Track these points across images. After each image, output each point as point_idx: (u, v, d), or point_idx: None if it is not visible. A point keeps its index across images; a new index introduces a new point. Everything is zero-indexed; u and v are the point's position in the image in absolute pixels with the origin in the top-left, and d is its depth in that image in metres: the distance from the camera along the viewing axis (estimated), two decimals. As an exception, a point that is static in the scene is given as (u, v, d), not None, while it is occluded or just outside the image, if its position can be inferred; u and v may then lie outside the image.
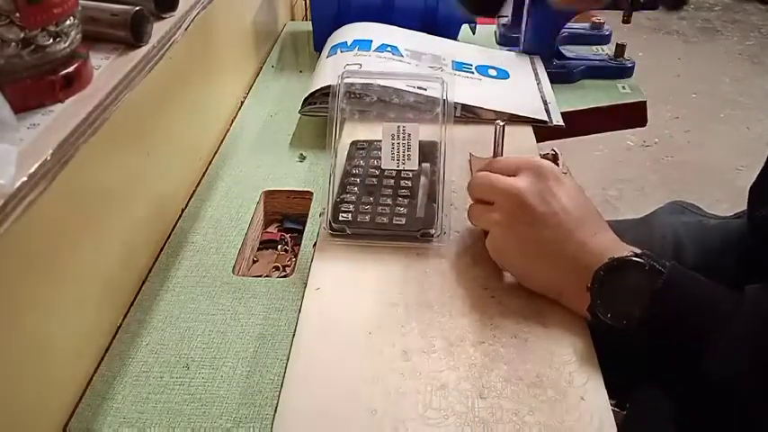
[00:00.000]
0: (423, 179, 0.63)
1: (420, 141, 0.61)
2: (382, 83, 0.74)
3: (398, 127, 0.61)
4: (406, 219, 0.60)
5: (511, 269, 0.54)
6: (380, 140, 0.61)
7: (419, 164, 0.62)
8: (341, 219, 0.60)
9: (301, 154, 0.79)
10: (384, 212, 0.61)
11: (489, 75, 0.86)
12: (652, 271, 0.45)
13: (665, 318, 0.43)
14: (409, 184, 0.63)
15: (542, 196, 0.51)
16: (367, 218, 0.60)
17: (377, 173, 0.65)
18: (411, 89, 0.74)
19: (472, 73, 0.86)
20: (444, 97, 0.63)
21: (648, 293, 0.44)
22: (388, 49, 0.84)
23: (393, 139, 0.61)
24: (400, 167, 0.62)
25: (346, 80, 0.64)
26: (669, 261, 0.46)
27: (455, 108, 0.76)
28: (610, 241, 0.49)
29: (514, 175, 0.53)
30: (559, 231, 0.50)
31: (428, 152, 0.63)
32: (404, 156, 0.62)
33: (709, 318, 0.43)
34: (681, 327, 0.43)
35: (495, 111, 0.78)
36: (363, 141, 0.70)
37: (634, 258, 0.46)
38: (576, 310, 0.50)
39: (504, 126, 0.60)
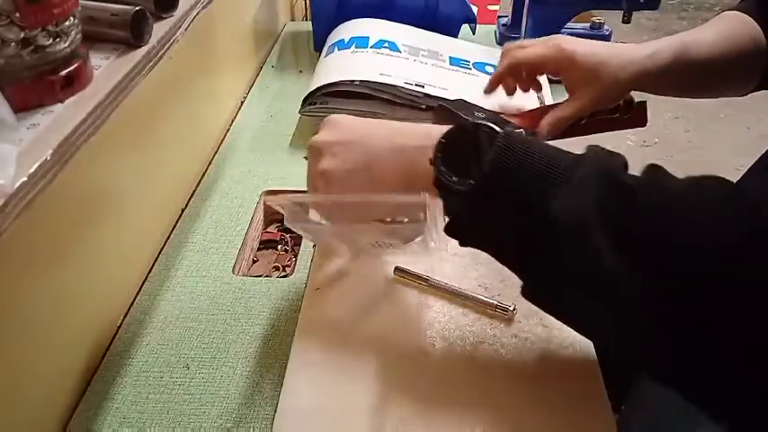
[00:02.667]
0: None
1: None
2: (384, 80, 0.74)
3: None
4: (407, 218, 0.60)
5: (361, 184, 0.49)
6: None
7: None
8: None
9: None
10: (384, 212, 0.61)
11: (486, 71, 0.85)
12: (491, 129, 0.44)
13: (511, 166, 0.42)
14: None
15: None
16: (367, 217, 0.60)
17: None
18: (408, 86, 0.74)
19: (469, 69, 0.85)
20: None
21: (492, 147, 0.43)
22: (386, 44, 0.84)
23: None
24: None
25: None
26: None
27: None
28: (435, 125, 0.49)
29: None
30: (381, 133, 0.48)
31: None
32: None
33: (553, 164, 0.41)
34: (526, 175, 0.41)
35: (491, 109, 0.75)
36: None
37: (472, 122, 0.45)
38: (427, 190, 0.47)
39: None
